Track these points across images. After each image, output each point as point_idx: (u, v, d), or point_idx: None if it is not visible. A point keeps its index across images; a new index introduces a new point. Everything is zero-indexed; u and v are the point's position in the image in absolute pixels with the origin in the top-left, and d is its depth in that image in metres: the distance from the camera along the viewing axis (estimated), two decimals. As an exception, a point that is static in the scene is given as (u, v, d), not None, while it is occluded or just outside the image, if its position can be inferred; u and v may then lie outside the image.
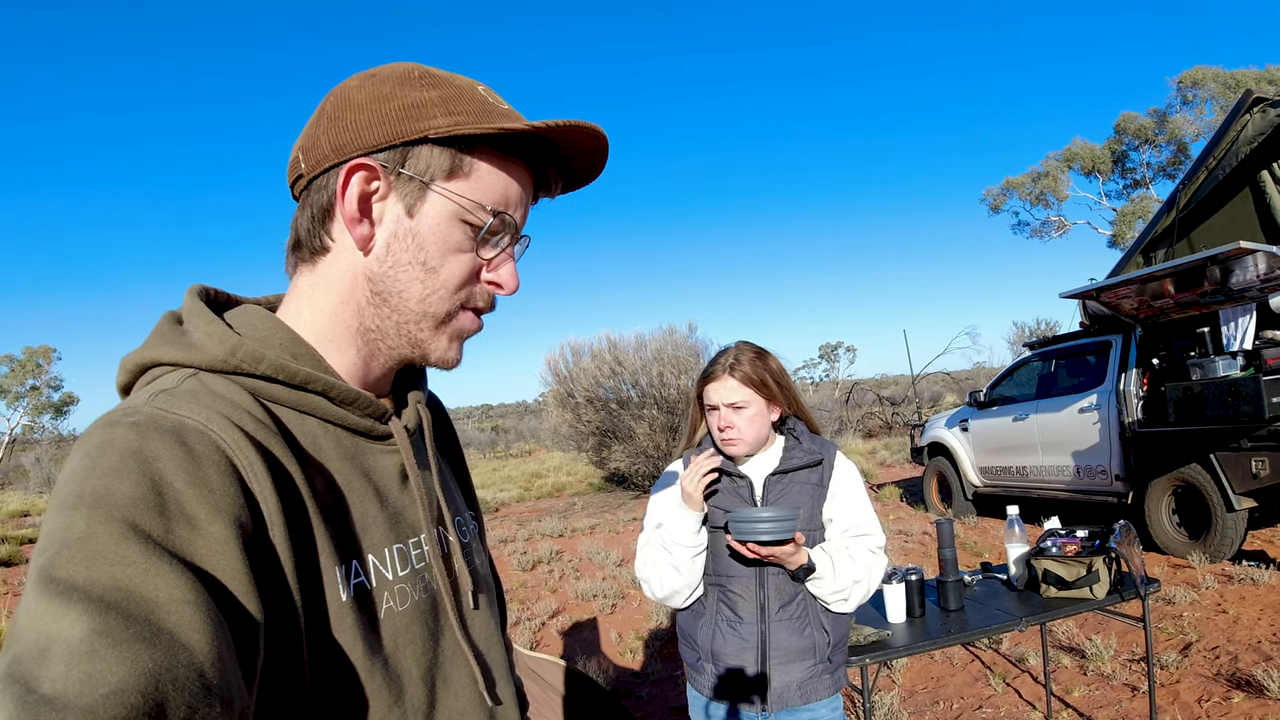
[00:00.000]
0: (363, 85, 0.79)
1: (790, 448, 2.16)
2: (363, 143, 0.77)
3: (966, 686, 4.54)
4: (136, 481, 0.60)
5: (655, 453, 14.38)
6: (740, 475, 2.12)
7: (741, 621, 2.05)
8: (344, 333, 0.83)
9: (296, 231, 0.83)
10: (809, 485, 2.12)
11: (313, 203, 0.81)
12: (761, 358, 2.13)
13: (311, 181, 0.80)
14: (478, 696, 0.86)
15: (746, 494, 2.11)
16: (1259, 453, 6.01)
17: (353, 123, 0.77)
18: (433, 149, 0.77)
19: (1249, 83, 23.05)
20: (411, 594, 0.81)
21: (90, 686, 0.48)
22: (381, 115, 0.77)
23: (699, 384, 2.18)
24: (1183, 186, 7.14)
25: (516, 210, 0.83)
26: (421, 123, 0.76)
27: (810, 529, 2.09)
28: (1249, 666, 4.27)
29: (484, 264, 0.84)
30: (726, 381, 2.09)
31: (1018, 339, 27.57)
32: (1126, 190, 29.14)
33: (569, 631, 6.27)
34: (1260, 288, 5.91)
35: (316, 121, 0.80)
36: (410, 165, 0.77)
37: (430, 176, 0.78)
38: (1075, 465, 7.87)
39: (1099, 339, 7.87)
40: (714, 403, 2.11)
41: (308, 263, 0.83)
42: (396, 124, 0.76)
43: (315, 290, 0.83)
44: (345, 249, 0.81)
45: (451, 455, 1.05)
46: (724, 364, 2.11)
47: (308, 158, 0.80)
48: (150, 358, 0.75)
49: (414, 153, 0.77)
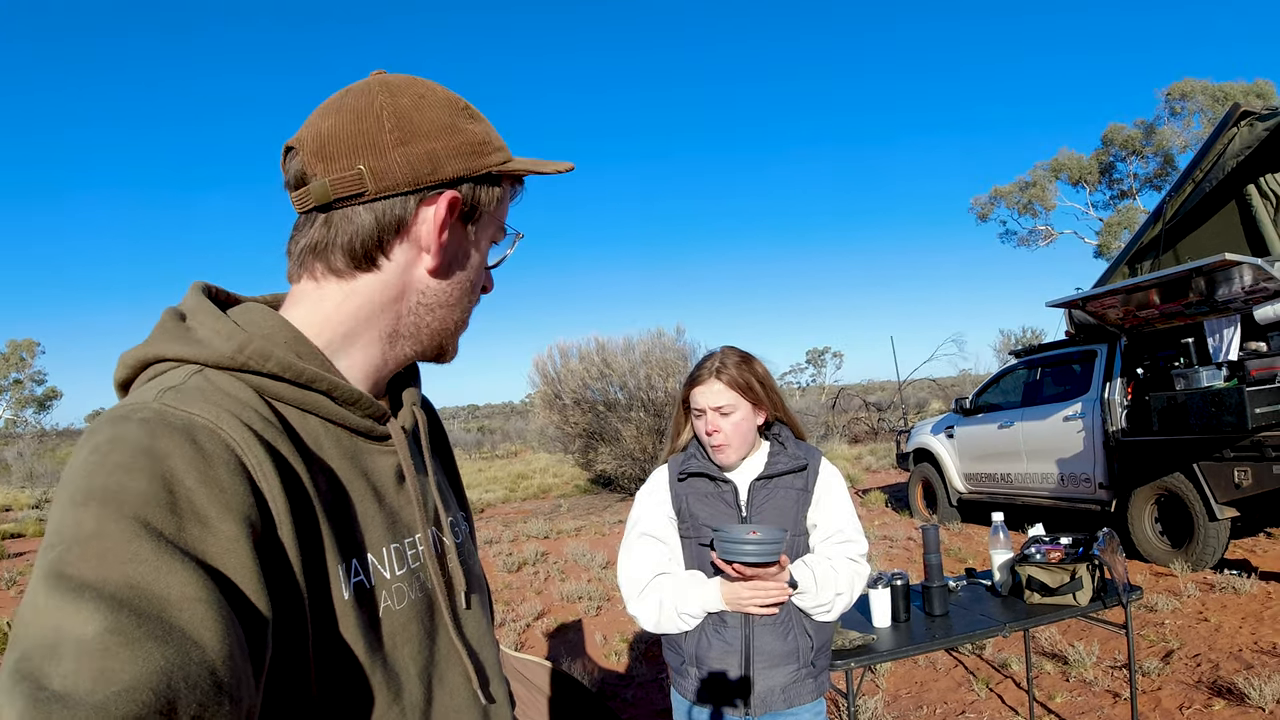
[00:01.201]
0: (418, 107, 0.82)
1: (775, 453, 2.16)
2: (442, 174, 0.82)
3: (950, 692, 4.56)
4: (148, 479, 0.60)
5: (642, 455, 14.37)
6: (725, 480, 2.12)
7: (726, 626, 2.04)
8: (373, 335, 0.85)
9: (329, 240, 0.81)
10: (794, 491, 2.12)
11: (380, 220, 0.80)
12: (747, 362, 2.13)
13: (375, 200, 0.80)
14: (472, 695, 0.86)
15: (731, 499, 2.10)
16: (1241, 463, 6.06)
17: (428, 153, 0.81)
18: (492, 185, 0.87)
19: (1237, 96, 23.28)
20: (408, 593, 0.81)
21: (102, 684, 0.48)
22: (454, 148, 0.83)
23: (685, 388, 2.18)
24: (1169, 198, 7.20)
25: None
26: (487, 159, 0.85)
27: (794, 534, 2.09)
28: (1230, 674, 4.30)
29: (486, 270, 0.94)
30: (713, 385, 2.09)
31: (1004, 346, 27.71)
32: (1113, 201, 29.40)
33: (554, 633, 6.26)
34: (1245, 299, 5.97)
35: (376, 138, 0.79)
36: (481, 196, 0.86)
37: (490, 207, 0.88)
38: (1060, 473, 7.91)
39: (1084, 348, 7.92)
40: (700, 406, 2.11)
41: (336, 272, 0.82)
42: (469, 159, 0.84)
43: (346, 299, 0.83)
44: (400, 266, 0.84)
45: (443, 456, 1.06)
46: (710, 368, 2.11)
47: (380, 179, 0.79)
48: (154, 353, 0.75)
49: (484, 187, 0.86)
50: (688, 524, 2.12)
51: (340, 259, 0.82)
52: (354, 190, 0.79)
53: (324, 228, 0.81)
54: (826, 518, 2.14)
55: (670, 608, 2.04)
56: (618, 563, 2.19)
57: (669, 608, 2.04)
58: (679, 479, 2.16)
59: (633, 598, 2.10)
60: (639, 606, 2.08)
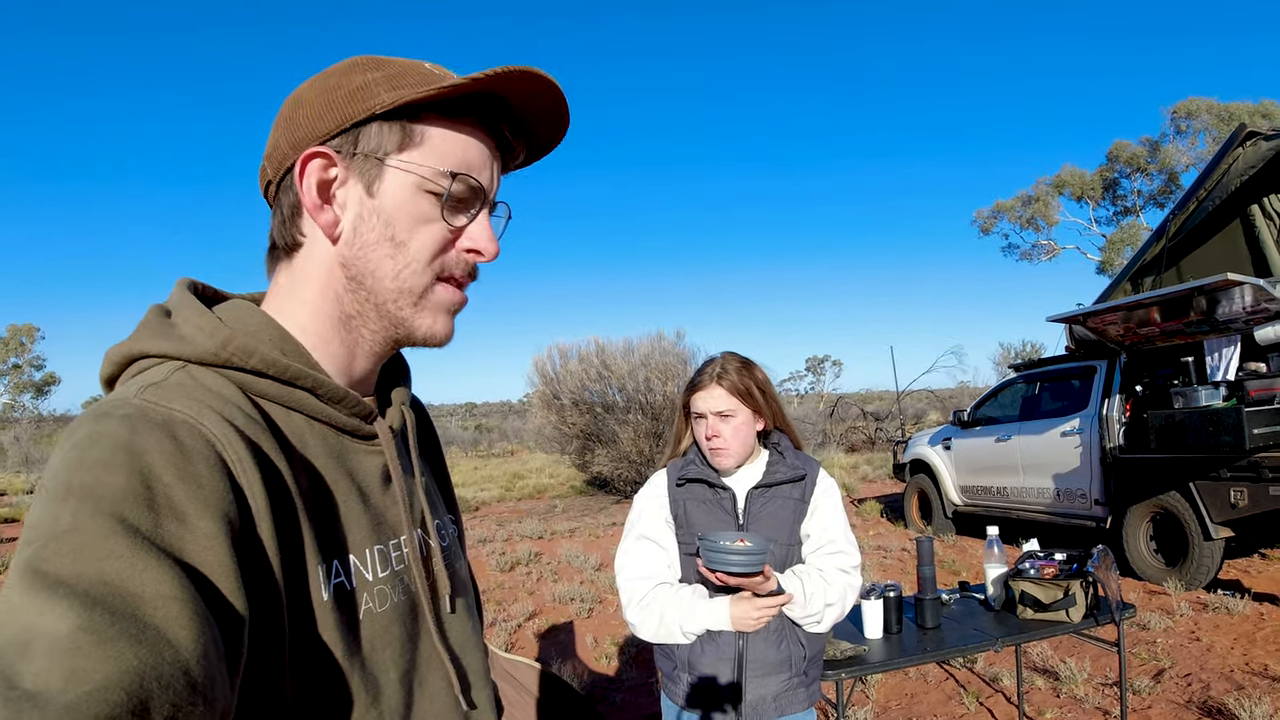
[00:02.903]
0: (312, 83, 0.81)
1: (774, 462, 2.16)
2: (316, 133, 0.78)
3: (940, 705, 4.55)
4: (126, 475, 0.59)
5: (639, 458, 14.36)
6: (723, 487, 2.11)
7: (720, 634, 2.03)
8: (327, 324, 0.83)
9: (272, 235, 0.84)
10: (791, 500, 2.12)
11: (282, 203, 0.82)
12: (748, 368, 2.13)
13: (279, 184, 0.81)
14: (453, 700, 0.85)
15: (729, 506, 2.10)
16: (1238, 483, 6.05)
17: (305, 117, 0.79)
18: (382, 125, 0.78)
19: (1243, 115, 23.30)
20: (391, 596, 0.80)
21: (74, 683, 0.47)
22: (329, 104, 0.78)
23: (686, 393, 2.17)
24: (1173, 216, 7.20)
25: (481, 173, 0.82)
26: (367, 102, 0.77)
27: (789, 544, 2.09)
28: (1221, 695, 4.29)
29: (457, 232, 0.83)
30: (714, 390, 2.09)
31: (1003, 360, 27.70)
32: (1117, 217, 29.42)
33: (545, 634, 6.25)
34: (1245, 319, 5.96)
35: (275, 127, 0.81)
36: (362, 144, 0.78)
37: (384, 152, 0.78)
38: (1056, 488, 7.91)
39: (1084, 364, 7.92)
40: (701, 411, 2.11)
41: (285, 261, 0.84)
42: (344, 108, 0.77)
43: (295, 285, 0.83)
44: (317, 241, 0.81)
45: (433, 458, 1.05)
46: (711, 373, 2.11)
47: (270, 163, 0.81)
48: (137, 349, 0.74)
49: (364, 132, 0.78)
50: (684, 529, 2.10)
51: (279, 248, 0.84)
52: (264, 182, 0.83)
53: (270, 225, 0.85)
54: (820, 528, 2.13)
55: (673, 623, 2.01)
56: (616, 565, 2.17)
57: (671, 622, 2.01)
58: (677, 484, 2.15)
59: (632, 606, 2.07)
60: (638, 615, 2.05)
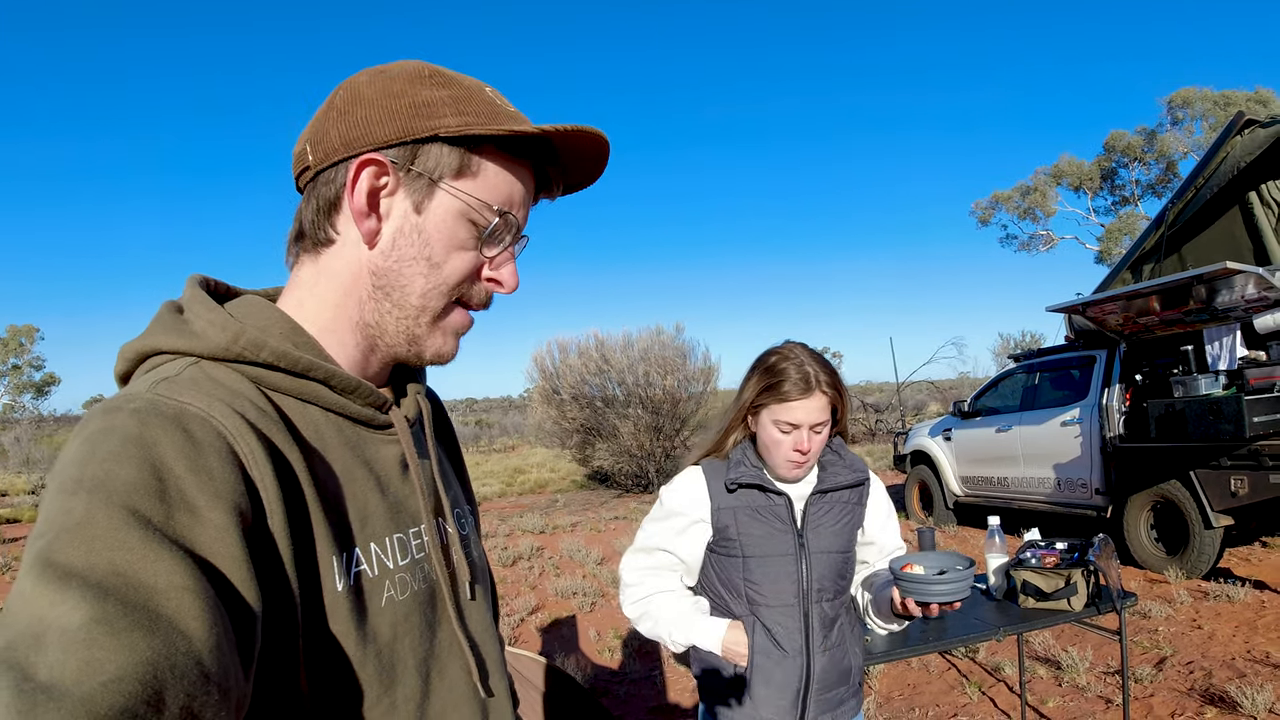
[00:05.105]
0: (373, 81, 0.80)
1: (831, 463, 1.96)
2: (373, 138, 0.77)
3: (942, 694, 4.56)
4: (137, 467, 0.59)
5: (639, 452, 14.38)
6: (778, 492, 1.90)
7: (786, 655, 1.86)
8: (345, 325, 0.83)
9: (301, 222, 0.83)
10: (849, 505, 1.95)
11: (319, 195, 0.81)
12: (835, 371, 1.89)
13: (319, 174, 0.81)
14: (472, 688, 0.85)
15: (784, 514, 1.89)
16: (1238, 471, 6.06)
17: (363, 118, 0.78)
18: (443, 148, 0.78)
19: (1240, 103, 23.28)
20: (411, 584, 0.81)
21: (88, 674, 0.47)
22: (392, 111, 0.77)
23: (763, 395, 1.87)
24: (1172, 204, 7.19)
25: (519, 210, 0.84)
26: (432, 121, 0.77)
27: (847, 552, 1.96)
28: (1223, 683, 4.31)
29: (486, 262, 0.84)
30: (817, 400, 1.82)
31: (1003, 350, 27.74)
32: (1115, 207, 29.37)
33: (548, 628, 6.26)
34: (1245, 308, 5.96)
35: (325, 115, 0.81)
36: (420, 163, 0.78)
37: (439, 174, 0.79)
38: (1056, 478, 7.92)
39: (1083, 353, 7.92)
40: (796, 422, 1.82)
41: (310, 254, 0.84)
42: (407, 121, 0.77)
43: (317, 282, 0.83)
44: (350, 242, 0.81)
45: (449, 447, 1.05)
46: (812, 379, 1.82)
47: (315, 150, 0.80)
48: (150, 346, 0.75)
49: (424, 150, 0.78)
50: (733, 543, 1.90)
51: (308, 240, 0.83)
52: (301, 166, 0.82)
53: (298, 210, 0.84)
54: (882, 533, 2.03)
55: (664, 633, 1.93)
56: (625, 556, 2.04)
57: (663, 632, 1.93)
58: (729, 489, 1.91)
59: (632, 603, 1.99)
60: (634, 613, 1.99)
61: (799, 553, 1.89)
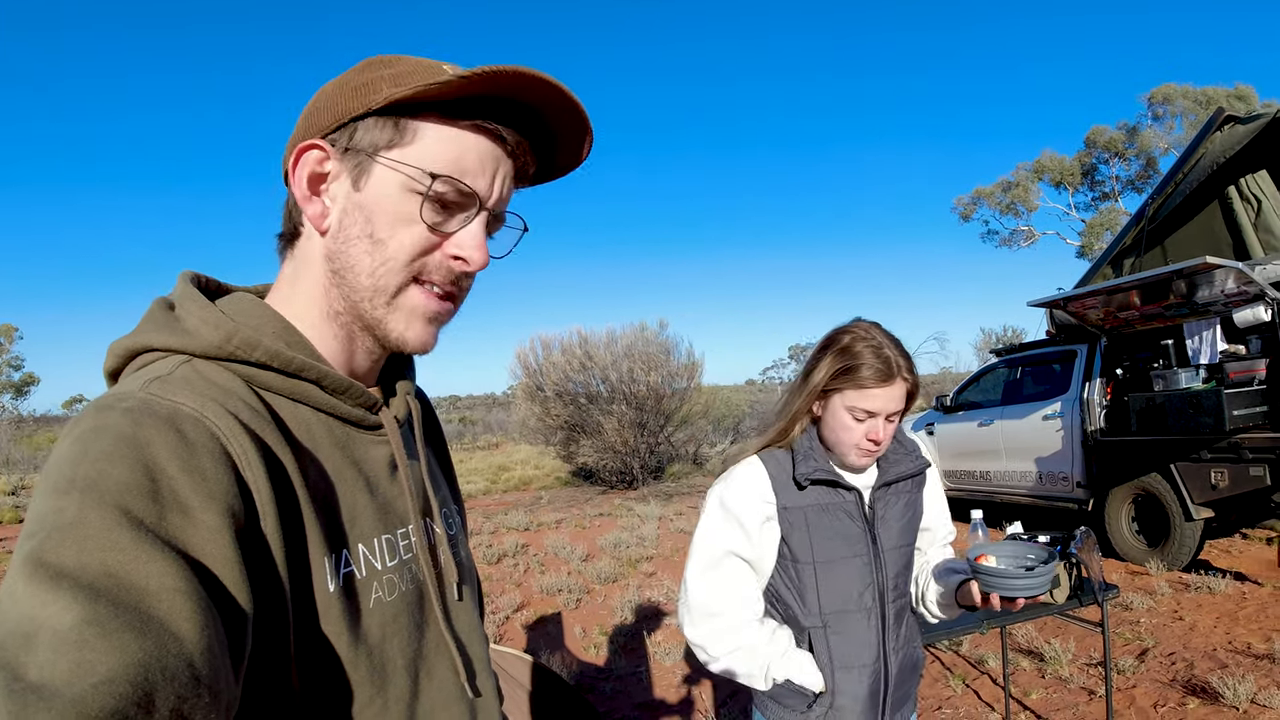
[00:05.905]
0: (334, 81, 0.82)
1: (893, 450, 1.85)
2: (319, 127, 0.78)
3: (927, 687, 4.58)
4: (130, 467, 0.59)
5: (623, 448, 14.37)
6: (849, 487, 1.75)
7: (863, 665, 1.72)
8: (320, 317, 0.83)
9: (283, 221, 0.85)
10: (910, 495, 1.84)
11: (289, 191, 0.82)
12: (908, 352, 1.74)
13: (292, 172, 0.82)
14: (459, 688, 0.85)
15: (854, 509, 1.75)
16: (1218, 464, 6.12)
17: (315, 111, 0.80)
18: (375, 121, 0.77)
19: (1220, 100, 23.49)
20: (399, 584, 0.81)
21: (79, 675, 0.47)
22: (336, 99, 0.78)
23: (842, 380, 1.69)
24: (1153, 199, 7.25)
25: (476, 179, 0.79)
26: (367, 98, 0.77)
27: (909, 544, 1.84)
28: (1204, 673, 4.34)
29: (444, 237, 0.80)
30: (899, 387, 1.68)
31: (985, 345, 27.87)
32: (1095, 202, 29.60)
33: (533, 626, 6.24)
34: (1225, 302, 6.01)
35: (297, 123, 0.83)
36: (355, 140, 0.77)
37: (373, 148, 0.77)
38: (1038, 471, 7.97)
39: (1064, 348, 7.97)
40: (874, 410, 1.67)
41: (290, 249, 0.84)
42: (346, 103, 0.77)
43: (296, 275, 0.84)
44: (309, 231, 0.82)
45: (437, 447, 1.05)
46: (894, 364, 1.67)
47: (288, 152, 0.81)
48: (142, 343, 0.74)
49: (359, 127, 0.77)
50: (803, 545, 1.72)
51: (284, 234, 0.85)
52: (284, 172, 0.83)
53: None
54: (938, 520, 1.95)
55: (760, 670, 1.71)
56: (688, 578, 1.79)
57: (758, 669, 1.71)
58: (800, 486, 1.74)
59: (715, 640, 1.73)
60: (721, 649, 1.73)
61: (871, 551, 1.75)
